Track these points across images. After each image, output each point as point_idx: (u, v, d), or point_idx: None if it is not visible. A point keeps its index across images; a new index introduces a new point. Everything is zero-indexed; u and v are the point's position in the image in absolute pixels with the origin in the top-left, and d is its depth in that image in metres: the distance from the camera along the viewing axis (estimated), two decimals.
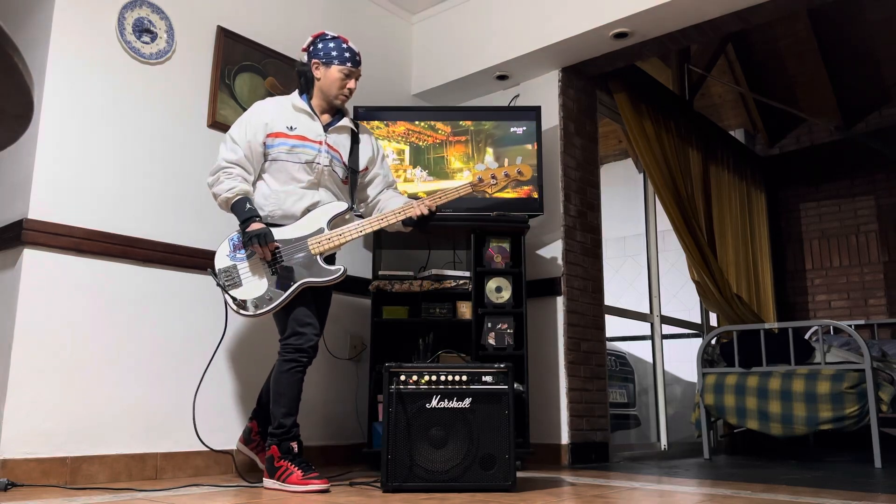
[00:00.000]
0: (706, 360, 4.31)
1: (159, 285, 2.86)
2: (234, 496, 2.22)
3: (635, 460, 3.96)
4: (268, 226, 2.49)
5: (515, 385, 2.82)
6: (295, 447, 2.45)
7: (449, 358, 3.17)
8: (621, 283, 6.53)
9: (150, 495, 2.23)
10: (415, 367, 2.42)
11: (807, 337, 5.07)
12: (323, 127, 2.64)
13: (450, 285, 3.33)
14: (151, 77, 2.95)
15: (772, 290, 5.59)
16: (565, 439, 3.56)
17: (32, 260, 2.52)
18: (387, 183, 2.83)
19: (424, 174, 3.49)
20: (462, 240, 3.60)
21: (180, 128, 3.03)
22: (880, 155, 5.67)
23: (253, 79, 3.32)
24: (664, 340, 4.66)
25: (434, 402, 2.38)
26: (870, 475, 3.09)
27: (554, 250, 3.77)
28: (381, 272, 3.39)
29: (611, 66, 3.97)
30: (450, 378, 2.40)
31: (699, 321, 5.24)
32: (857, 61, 5.59)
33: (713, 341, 4.42)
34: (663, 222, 4.63)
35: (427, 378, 2.40)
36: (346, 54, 2.62)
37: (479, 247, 3.41)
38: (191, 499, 2.14)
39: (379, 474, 2.59)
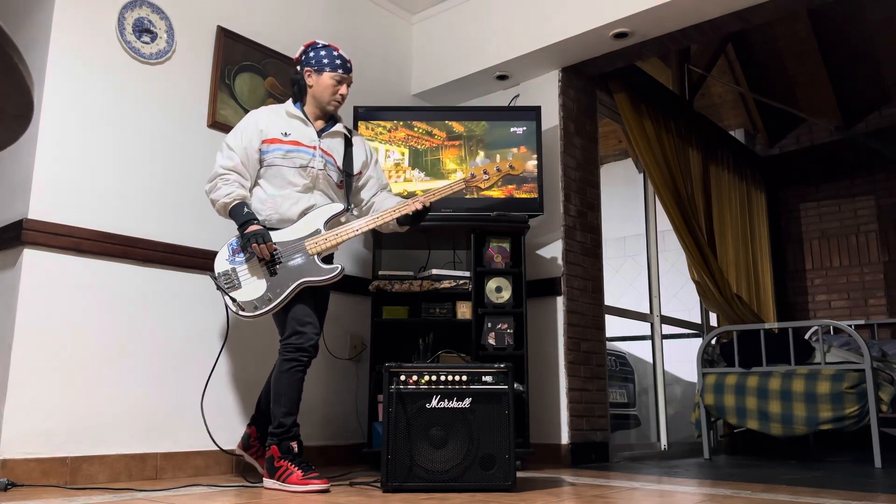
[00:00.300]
0: (706, 360, 4.31)
1: (159, 285, 2.86)
2: (234, 496, 2.22)
3: (635, 460, 3.96)
4: (266, 229, 2.52)
5: (515, 385, 2.82)
6: (295, 447, 2.45)
7: (449, 358, 3.17)
8: (621, 283, 6.53)
9: (150, 495, 2.23)
10: (415, 367, 2.42)
11: (807, 337, 5.07)
12: (317, 132, 2.68)
13: (450, 285, 3.33)
14: (151, 77, 2.95)
15: (772, 290, 5.59)
16: (565, 439, 3.56)
17: (32, 260, 2.52)
18: (380, 185, 2.86)
19: (422, 175, 3.52)
20: (462, 240, 3.60)
21: (180, 128, 3.03)
22: (880, 155, 5.67)
23: (253, 79, 3.32)
24: (664, 340, 4.66)
25: (434, 402, 2.39)
26: (870, 475, 3.10)
27: (554, 250, 3.77)
28: (381, 272, 3.39)
29: (611, 66, 3.97)
30: (450, 378, 2.40)
31: (699, 321, 5.24)
32: (857, 61, 5.59)
33: (713, 341, 4.42)
34: (663, 222, 4.63)
35: (427, 378, 2.40)
36: (338, 61, 2.67)
37: (479, 247, 3.41)
38: (191, 499, 2.14)
39: (379, 474, 2.59)
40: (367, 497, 2.23)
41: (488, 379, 2.41)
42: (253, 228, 2.47)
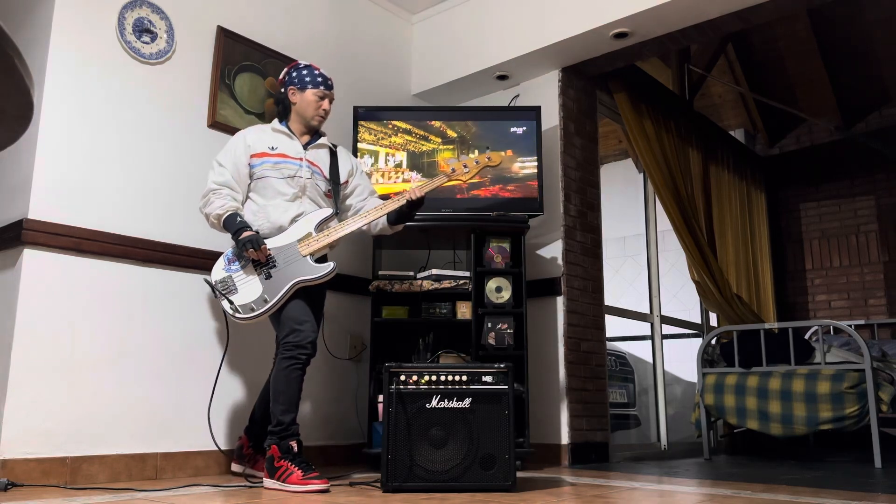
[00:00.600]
0: (706, 360, 4.31)
1: (159, 285, 2.86)
2: (234, 496, 2.22)
3: (635, 460, 3.96)
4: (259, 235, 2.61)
5: (515, 385, 2.82)
6: (294, 446, 2.45)
7: (449, 358, 3.17)
8: (621, 283, 6.53)
9: (150, 495, 2.23)
10: (415, 367, 2.42)
11: (807, 337, 5.07)
12: (302, 146, 2.78)
13: (450, 285, 3.33)
14: (151, 77, 2.95)
15: (772, 290, 5.59)
16: (565, 439, 3.56)
17: (32, 260, 2.52)
18: (368, 192, 2.95)
19: (419, 176, 3.55)
20: (462, 240, 3.60)
21: (180, 128, 3.03)
22: (880, 155, 5.67)
23: (253, 79, 3.32)
24: (664, 340, 4.66)
25: (434, 402, 2.39)
26: (870, 475, 3.10)
27: (554, 250, 3.77)
28: (380, 272, 3.39)
29: (611, 66, 3.97)
30: (450, 378, 2.41)
31: (699, 321, 5.24)
32: (857, 61, 5.59)
33: (713, 341, 4.42)
34: (663, 222, 4.63)
35: (427, 378, 2.40)
36: (319, 79, 2.79)
37: (479, 247, 3.41)
38: (191, 499, 2.14)
39: (379, 474, 2.59)
40: (367, 497, 2.23)
41: (488, 379, 2.42)
42: (247, 234, 2.55)
